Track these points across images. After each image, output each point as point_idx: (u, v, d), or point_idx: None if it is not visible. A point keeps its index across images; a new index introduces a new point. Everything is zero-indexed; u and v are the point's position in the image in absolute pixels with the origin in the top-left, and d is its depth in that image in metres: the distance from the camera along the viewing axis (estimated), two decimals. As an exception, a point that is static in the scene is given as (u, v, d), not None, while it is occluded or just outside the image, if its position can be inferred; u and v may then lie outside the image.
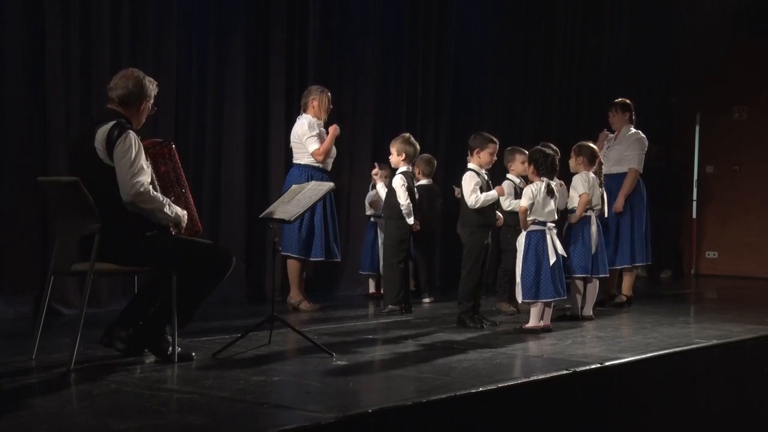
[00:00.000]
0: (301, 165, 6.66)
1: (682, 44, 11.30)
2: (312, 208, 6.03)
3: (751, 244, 10.79)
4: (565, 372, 4.26)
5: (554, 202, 5.77)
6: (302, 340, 4.86)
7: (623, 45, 10.89)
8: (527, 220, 5.69)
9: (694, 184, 11.58)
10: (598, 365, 4.48)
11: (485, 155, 5.91)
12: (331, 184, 5.28)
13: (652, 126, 11.00)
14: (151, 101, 4.46)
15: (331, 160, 6.81)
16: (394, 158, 6.71)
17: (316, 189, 5.09)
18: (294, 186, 5.27)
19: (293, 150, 6.76)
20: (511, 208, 6.35)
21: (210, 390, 3.73)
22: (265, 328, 4.89)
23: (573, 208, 6.38)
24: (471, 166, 5.95)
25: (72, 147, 4.61)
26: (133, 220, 4.22)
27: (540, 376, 4.16)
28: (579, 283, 6.31)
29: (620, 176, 7.28)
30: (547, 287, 5.62)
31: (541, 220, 5.70)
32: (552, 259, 5.64)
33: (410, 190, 6.66)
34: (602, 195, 6.54)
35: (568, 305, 6.40)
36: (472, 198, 5.81)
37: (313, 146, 6.59)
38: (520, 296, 5.75)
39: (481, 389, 3.80)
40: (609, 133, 7.57)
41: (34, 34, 6.01)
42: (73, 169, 4.34)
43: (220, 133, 7.23)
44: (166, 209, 4.28)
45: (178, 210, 4.37)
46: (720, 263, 11.18)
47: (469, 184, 5.84)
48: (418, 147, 6.79)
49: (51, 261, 4.41)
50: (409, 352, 4.90)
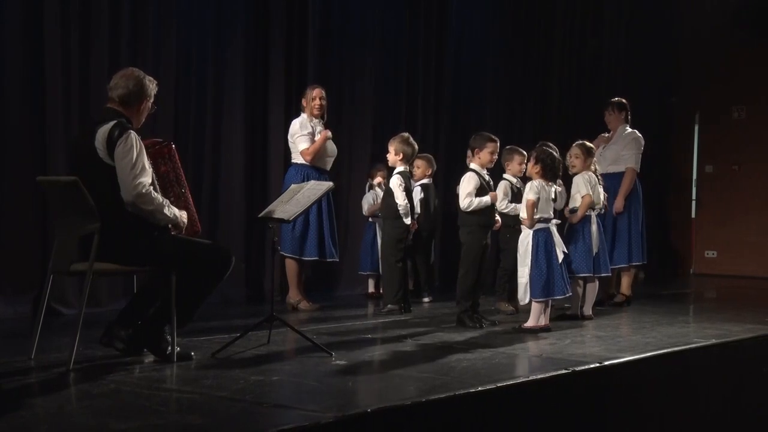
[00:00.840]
0: (298, 164, 6.66)
1: (682, 44, 11.30)
2: (321, 208, 6.09)
3: (751, 243, 10.80)
4: (564, 371, 4.26)
5: (553, 201, 5.80)
6: (301, 340, 4.86)
7: (623, 45, 10.89)
8: (534, 217, 5.69)
9: (693, 184, 11.58)
10: (597, 365, 4.48)
11: (486, 155, 5.92)
12: (330, 184, 5.28)
13: (652, 126, 11.06)
14: (151, 100, 4.46)
15: (331, 160, 6.81)
16: (392, 158, 6.70)
17: (315, 188, 5.09)
18: (293, 185, 5.27)
19: (291, 150, 6.77)
20: (507, 210, 6.35)
21: (209, 390, 3.73)
22: (264, 327, 4.89)
23: (574, 208, 6.38)
24: (472, 166, 5.95)
25: (72, 146, 4.61)
26: (133, 220, 4.22)
27: (539, 376, 4.17)
28: (579, 283, 6.31)
29: (617, 175, 7.28)
30: (559, 284, 5.64)
31: (546, 217, 5.71)
32: (560, 256, 5.67)
33: (407, 190, 6.66)
34: (602, 193, 6.55)
35: (567, 304, 6.40)
36: (465, 201, 5.82)
37: (302, 145, 6.59)
38: (527, 296, 5.72)
39: (480, 389, 3.81)
40: (605, 134, 7.57)
41: (33, 33, 6.01)
42: (73, 168, 4.34)
43: (219, 132, 7.23)
44: (166, 210, 4.28)
45: (177, 211, 4.37)
46: (719, 263, 11.18)
47: (467, 186, 5.84)
48: (416, 147, 6.79)
49: (50, 261, 4.41)
50: (408, 352, 4.90)
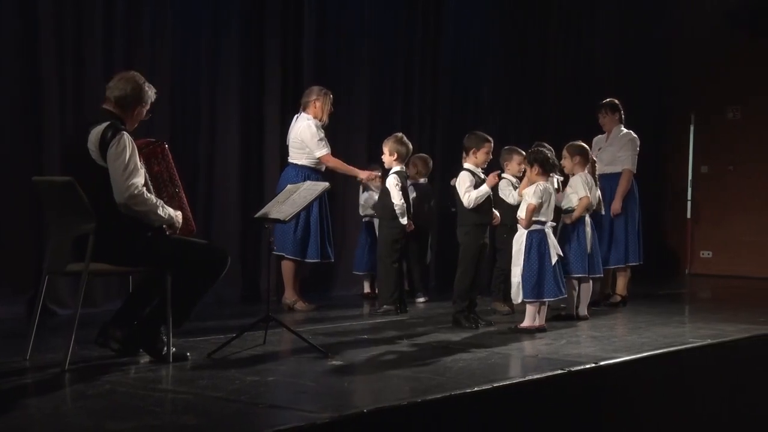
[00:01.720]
0: (297, 165, 6.65)
1: (677, 44, 11.31)
2: (308, 209, 6.06)
3: (746, 243, 10.81)
4: (560, 372, 4.26)
5: (554, 201, 5.80)
6: (297, 340, 4.86)
7: (618, 45, 10.89)
8: (532, 219, 5.68)
9: (689, 184, 11.59)
10: (593, 365, 4.48)
11: (481, 155, 5.92)
12: (326, 184, 5.28)
13: (647, 126, 11.06)
14: (147, 107, 4.46)
15: None
16: (387, 158, 6.69)
17: (312, 189, 5.09)
18: (289, 186, 5.27)
19: (291, 149, 6.73)
20: (516, 201, 6.25)
21: (205, 390, 3.73)
22: (260, 328, 4.88)
23: (568, 208, 6.38)
24: (467, 165, 5.95)
25: (65, 147, 4.60)
26: (128, 221, 4.22)
27: (535, 376, 4.17)
28: (574, 283, 6.31)
29: (614, 176, 7.28)
30: (550, 286, 5.63)
31: (543, 219, 5.71)
32: (554, 259, 5.66)
33: (404, 190, 6.66)
34: (598, 195, 6.56)
35: (563, 305, 6.41)
36: (465, 198, 5.82)
37: (323, 150, 6.57)
38: (519, 296, 5.72)
39: (476, 389, 3.81)
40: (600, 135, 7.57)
41: (28, 34, 6.00)
42: (66, 169, 4.33)
43: (214, 132, 7.22)
44: (160, 211, 4.27)
45: (171, 211, 4.36)
46: (714, 263, 11.19)
47: (463, 184, 5.85)
48: (411, 147, 6.78)
49: (45, 261, 4.41)
50: (404, 352, 4.90)
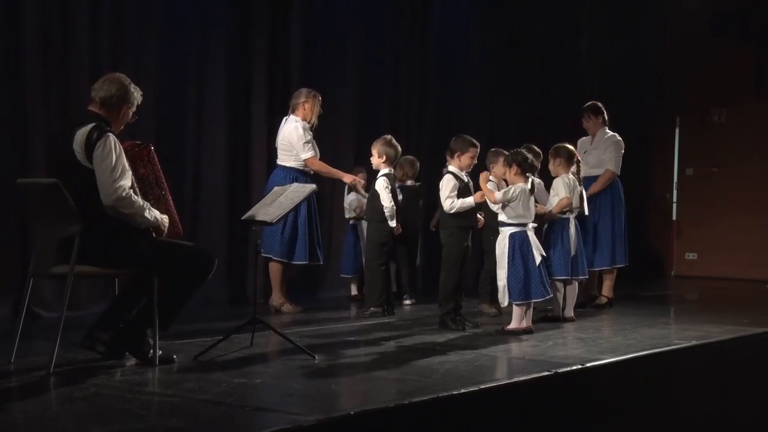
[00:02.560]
0: (285, 167, 6.63)
1: (662, 47, 11.36)
2: (295, 211, 6.07)
3: (730, 245, 10.86)
4: (546, 373, 4.27)
5: (533, 201, 5.81)
6: (284, 343, 4.85)
7: (604, 48, 10.93)
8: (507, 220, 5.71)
9: (674, 186, 11.65)
10: (580, 366, 4.50)
11: (466, 159, 5.92)
12: (314, 186, 5.28)
13: (633, 129, 11.10)
14: (134, 109, 4.44)
15: None
16: (375, 160, 6.65)
17: (299, 191, 5.09)
18: (276, 188, 5.26)
19: (279, 151, 6.71)
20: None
21: (191, 393, 3.71)
22: (247, 330, 4.87)
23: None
24: (451, 168, 5.95)
25: (51, 149, 4.57)
26: (114, 223, 4.20)
27: (522, 378, 4.18)
28: (559, 285, 6.33)
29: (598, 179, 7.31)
30: (537, 287, 5.66)
31: (524, 221, 5.73)
32: (538, 260, 5.68)
33: (393, 192, 6.65)
34: (582, 195, 6.58)
35: (549, 306, 6.42)
36: (447, 203, 5.84)
37: (308, 153, 6.56)
38: (506, 298, 5.73)
39: (463, 391, 3.81)
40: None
41: (13, 35, 5.96)
42: (51, 170, 4.31)
43: (200, 134, 7.19)
44: (147, 213, 4.26)
45: (158, 214, 4.35)
46: (699, 264, 11.24)
47: (446, 188, 5.85)
48: (400, 149, 6.78)
49: (30, 264, 4.38)
50: (391, 354, 4.90)
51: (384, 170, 6.64)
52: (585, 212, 6.64)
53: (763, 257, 10.60)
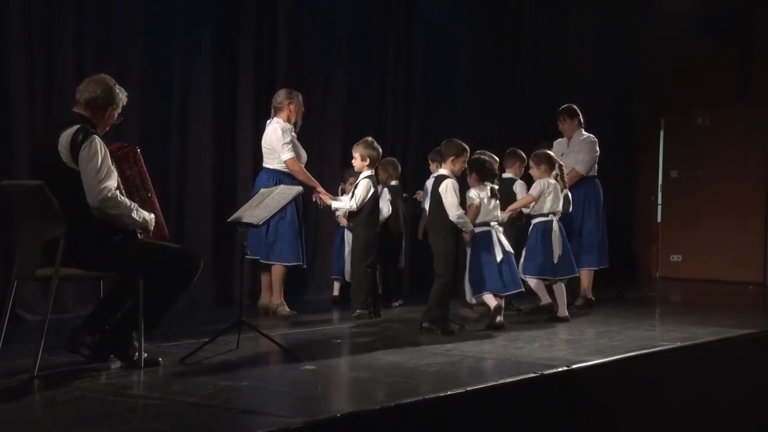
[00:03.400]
0: (270, 169, 6.60)
1: (647, 51, 11.41)
2: (298, 213, 6.22)
3: (715, 247, 10.91)
4: (532, 375, 4.27)
5: (494, 204, 6.01)
6: (270, 345, 4.84)
7: (590, 51, 10.97)
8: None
9: (659, 188, 11.70)
10: (565, 368, 4.50)
11: (459, 163, 5.90)
12: (300, 188, 5.28)
13: (618, 131, 11.16)
14: (119, 110, 4.41)
15: (302, 164, 6.77)
16: (358, 163, 6.62)
17: (285, 193, 5.08)
18: (263, 190, 5.26)
19: (264, 154, 6.68)
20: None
21: (177, 396, 3.69)
22: (233, 332, 4.86)
23: (529, 213, 6.57)
24: (446, 173, 5.87)
25: (35, 151, 4.54)
26: (99, 225, 4.17)
27: (508, 380, 4.17)
28: (541, 283, 6.47)
29: (578, 181, 7.26)
30: (493, 280, 5.86)
31: (486, 220, 5.94)
32: (499, 256, 5.86)
33: (374, 194, 6.64)
34: (568, 198, 6.63)
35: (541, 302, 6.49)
36: (456, 211, 5.75)
37: (288, 154, 6.48)
38: (469, 295, 6.02)
39: (449, 393, 3.80)
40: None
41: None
42: (36, 172, 4.28)
43: (186, 135, 7.16)
44: (134, 214, 4.23)
45: (146, 214, 4.32)
46: (684, 266, 11.29)
47: (451, 194, 5.75)
48: (381, 150, 6.75)
49: (14, 266, 4.35)
50: (377, 356, 4.89)
51: (367, 172, 6.63)
52: (569, 209, 6.70)
53: (747, 259, 10.67)
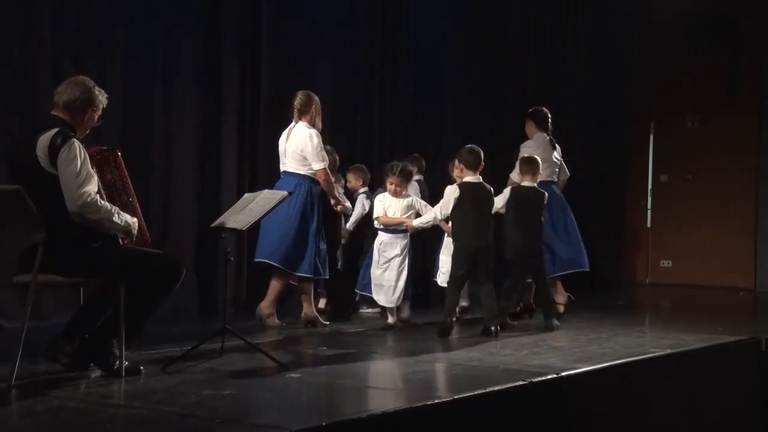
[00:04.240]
0: (299, 175, 6.30)
1: (637, 54, 11.43)
2: (310, 221, 6.21)
3: (705, 252, 10.91)
4: (521, 383, 4.24)
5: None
6: (254, 353, 4.78)
7: (579, 53, 10.97)
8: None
9: (649, 193, 11.70)
10: (555, 376, 4.47)
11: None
12: (284, 193, 5.11)
13: (607, 134, 11.17)
14: (99, 112, 4.35)
15: None
16: (353, 183, 7.24)
17: (270, 198, 5.02)
18: (247, 194, 5.21)
19: (289, 159, 6.35)
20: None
21: (159, 405, 3.64)
22: (216, 340, 4.79)
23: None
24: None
25: (13, 155, 4.46)
26: (78, 230, 4.10)
27: (497, 387, 4.13)
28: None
29: (545, 183, 6.91)
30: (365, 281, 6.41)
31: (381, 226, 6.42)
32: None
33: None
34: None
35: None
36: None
37: (321, 164, 6.27)
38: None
39: (437, 401, 3.77)
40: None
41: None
42: (13, 177, 4.20)
43: (169, 139, 7.06)
44: (115, 218, 4.17)
45: (128, 217, 4.26)
46: (674, 272, 11.28)
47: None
48: (338, 159, 7.08)
49: (-8, 273, 4.27)
50: (363, 364, 4.88)
51: (362, 190, 7.29)
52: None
53: (737, 264, 10.68)
